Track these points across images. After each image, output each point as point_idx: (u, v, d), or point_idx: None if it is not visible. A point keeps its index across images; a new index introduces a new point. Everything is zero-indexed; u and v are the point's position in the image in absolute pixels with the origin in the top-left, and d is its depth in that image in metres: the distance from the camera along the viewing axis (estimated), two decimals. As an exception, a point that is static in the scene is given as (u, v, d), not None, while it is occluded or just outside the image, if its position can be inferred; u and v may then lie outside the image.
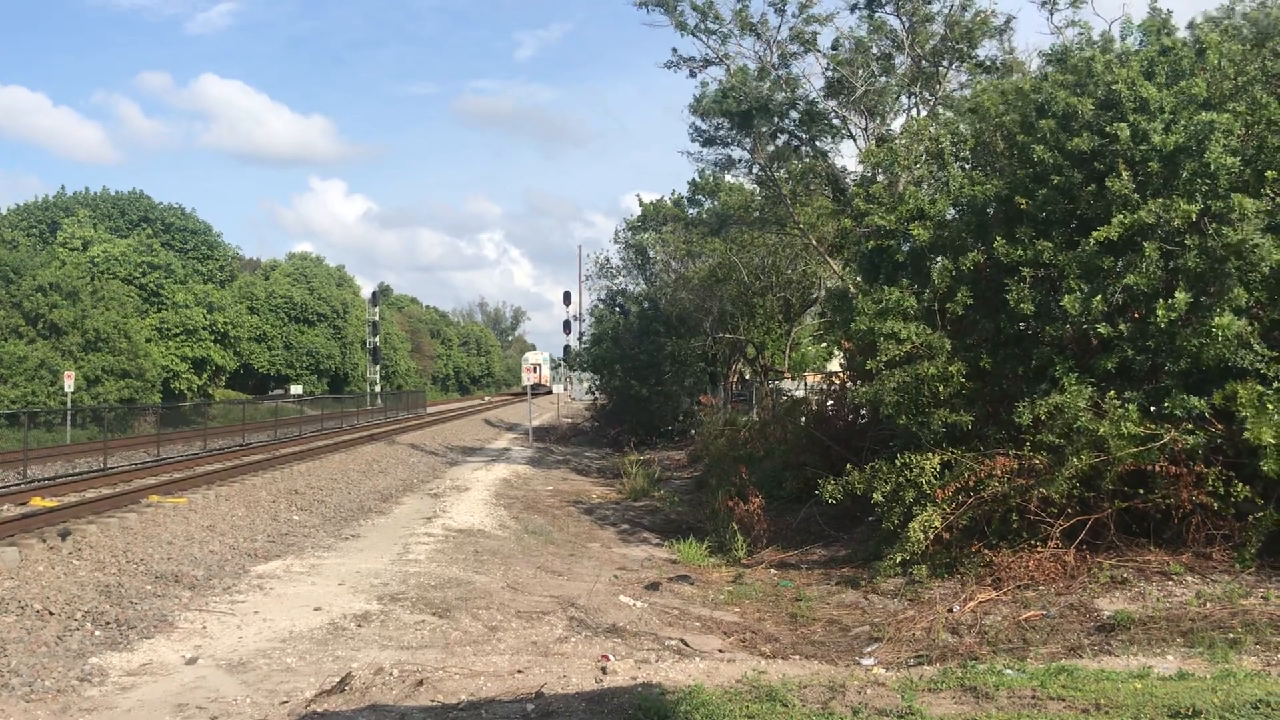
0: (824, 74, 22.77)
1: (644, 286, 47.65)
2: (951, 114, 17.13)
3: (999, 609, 10.43)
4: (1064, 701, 6.61)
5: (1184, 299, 10.73)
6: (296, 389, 69.80)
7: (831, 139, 23.53)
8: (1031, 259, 12.00)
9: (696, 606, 12.28)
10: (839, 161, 23.95)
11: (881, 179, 15.60)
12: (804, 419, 19.31)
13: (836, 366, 25.45)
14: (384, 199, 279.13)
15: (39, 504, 15.87)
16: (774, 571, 14.17)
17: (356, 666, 8.51)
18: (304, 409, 50.71)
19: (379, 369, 77.89)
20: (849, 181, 22.43)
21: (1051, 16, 20.42)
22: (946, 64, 21.98)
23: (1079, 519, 11.25)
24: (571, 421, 52.00)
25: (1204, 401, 10.73)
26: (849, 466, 13.07)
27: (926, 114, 20.46)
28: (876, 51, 22.13)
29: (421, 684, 7.96)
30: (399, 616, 10.53)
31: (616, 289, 48.40)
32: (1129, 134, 11.33)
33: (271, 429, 36.16)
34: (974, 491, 11.58)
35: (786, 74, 22.77)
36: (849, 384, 17.99)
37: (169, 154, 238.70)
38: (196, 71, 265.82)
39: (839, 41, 22.32)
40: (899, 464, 12.28)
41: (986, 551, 11.67)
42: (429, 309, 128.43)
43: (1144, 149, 11.31)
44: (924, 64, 21.93)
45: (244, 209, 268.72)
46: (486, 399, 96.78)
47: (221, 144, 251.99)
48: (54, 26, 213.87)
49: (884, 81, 22.41)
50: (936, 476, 11.99)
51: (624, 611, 11.54)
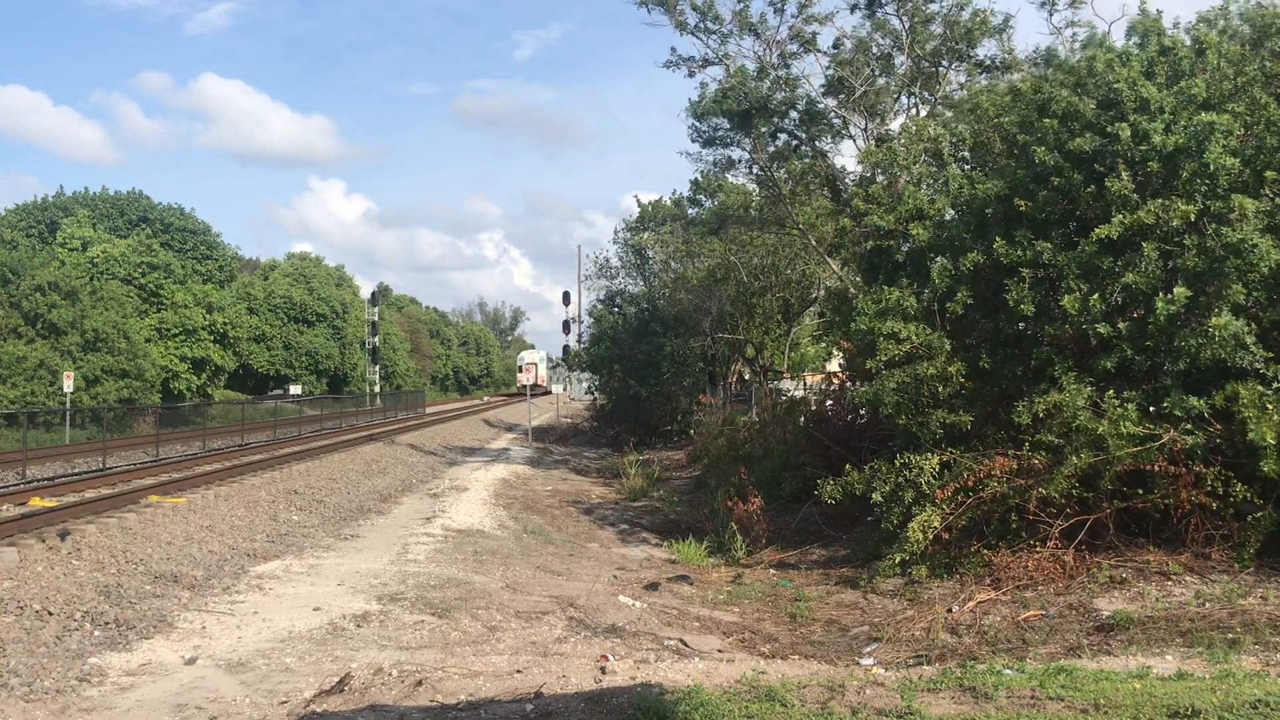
0: (824, 74, 22.82)
1: (643, 287, 47.68)
2: (951, 114, 17.13)
3: (998, 609, 10.43)
4: (1063, 701, 6.61)
5: (1183, 294, 10.73)
6: (296, 389, 69.77)
7: (831, 139, 23.57)
8: (1031, 259, 12.01)
9: (696, 606, 12.28)
10: (839, 161, 24.00)
11: (881, 179, 15.61)
12: (803, 419, 19.32)
13: (836, 366, 25.42)
14: (383, 199, 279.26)
15: (38, 504, 15.87)
16: (773, 571, 14.17)
17: (355, 667, 8.51)
18: (303, 409, 50.72)
19: (378, 369, 77.85)
20: (848, 181, 22.45)
21: (1050, 17, 20.46)
22: (946, 64, 22.00)
23: (1078, 519, 11.25)
24: (570, 422, 52.00)
25: (1203, 401, 10.73)
26: (848, 466, 13.08)
27: (926, 114, 20.47)
28: (876, 51, 22.16)
29: (420, 684, 7.96)
30: (398, 617, 10.53)
31: (616, 289, 48.47)
32: (1129, 134, 11.34)
33: (271, 429, 36.15)
34: (973, 491, 11.58)
35: (786, 74, 22.79)
36: (848, 384, 18.02)
37: (169, 154, 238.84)
38: (196, 71, 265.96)
39: (839, 41, 22.36)
40: (898, 464, 12.28)
41: (986, 551, 11.67)
42: (428, 309, 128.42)
43: (1144, 149, 11.32)
44: (924, 64, 21.95)
45: (243, 209, 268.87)
46: (486, 399, 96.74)
47: (221, 144, 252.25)
48: (53, 26, 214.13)
49: (884, 81, 22.44)
50: (936, 476, 11.99)
51: (623, 611, 11.54)
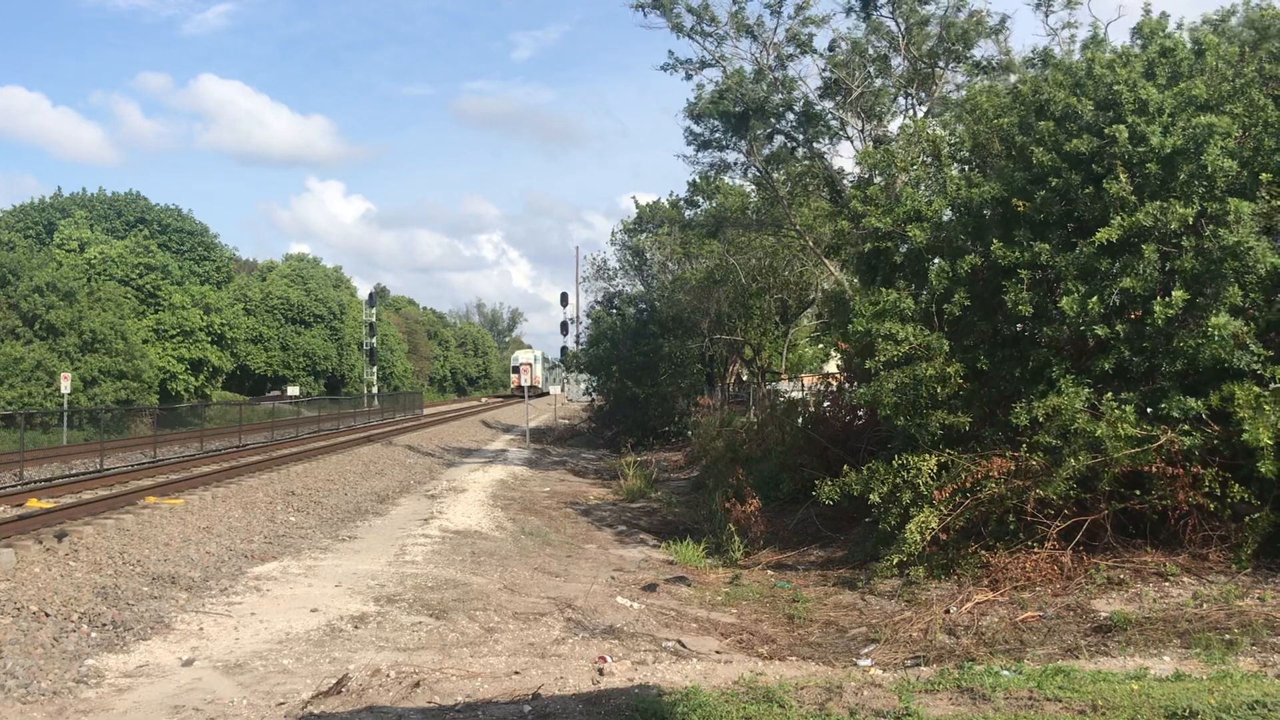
0: (820, 75, 22.85)
1: (641, 288, 47.69)
2: (948, 115, 17.15)
3: (996, 610, 10.44)
4: (1061, 703, 6.61)
5: (1181, 296, 10.75)
6: (293, 390, 69.75)
7: (828, 140, 23.58)
8: (1029, 260, 12.01)
9: (693, 608, 12.28)
10: (836, 163, 23.99)
11: (879, 180, 15.61)
12: (801, 420, 19.32)
13: (834, 368, 25.46)
14: (382, 200, 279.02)
15: (35, 505, 15.85)
16: (771, 573, 14.17)
17: (353, 668, 8.50)
18: (301, 410, 50.66)
19: (376, 370, 77.79)
20: (846, 183, 22.46)
21: (1047, 18, 20.51)
22: (943, 65, 22.03)
23: (1076, 520, 11.25)
24: (568, 423, 51.99)
25: (1201, 403, 10.74)
26: (846, 468, 13.07)
27: (924, 115, 20.49)
28: (873, 53, 22.18)
29: (418, 685, 7.96)
30: (396, 618, 10.52)
31: (614, 290, 48.47)
32: (1127, 135, 11.35)
33: (268, 430, 36.11)
34: (971, 492, 11.58)
35: (783, 75, 22.81)
36: (846, 385, 18.03)
37: (168, 155, 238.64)
38: (195, 72, 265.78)
39: (835, 43, 22.39)
40: (896, 465, 12.28)
41: (983, 553, 11.68)
42: (426, 310, 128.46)
43: (1142, 150, 11.32)
44: (920, 65, 21.98)
45: (243, 210, 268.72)
46: (484, 400, 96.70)
47: (221, 144, 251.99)
48: (51, 27, 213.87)
49: (880, 83, 22.46)
50: (934, 477, 11.99)
51: (621, 613, 11.53)
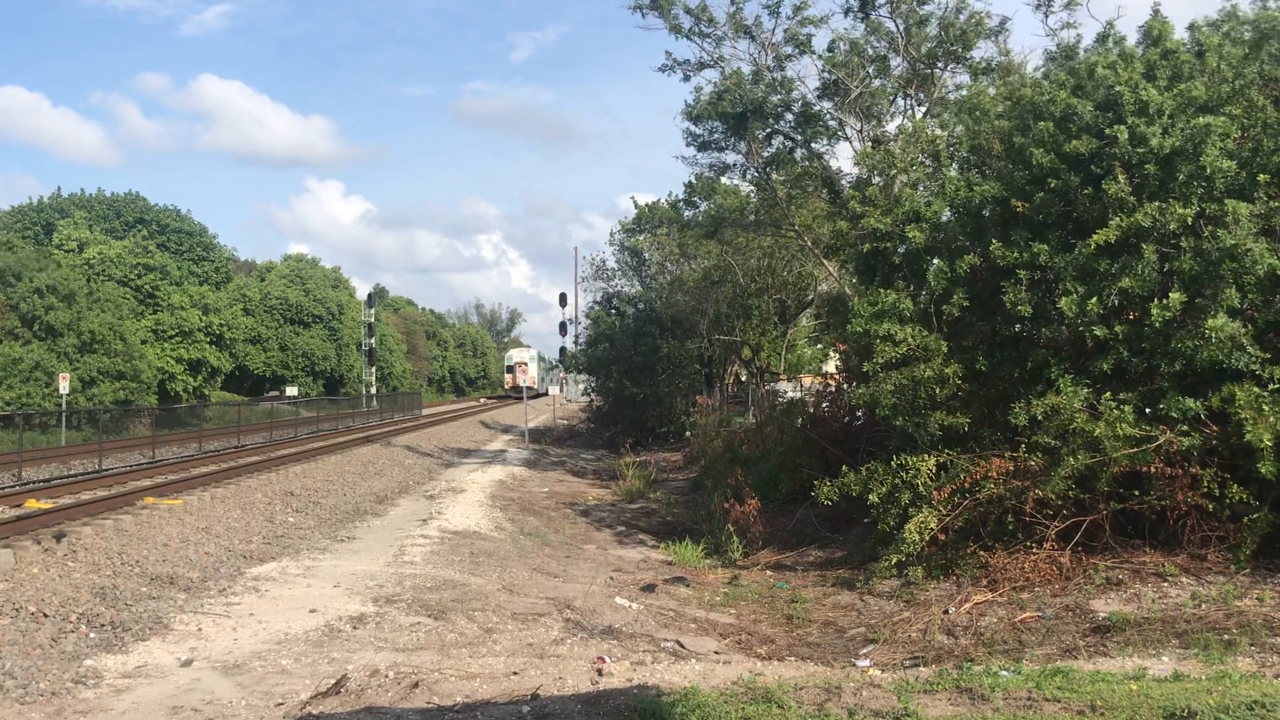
0: (819, 76, 22.82)
1: (640, 288, 47.70)
2: (947, 115, 17.16)
3: (995, 610, 10.44)
4: (1059, 703, 6.62)
5: (1179, 298, 10.76)
6: (292, 390, 69.72)
7: (827, 141, 23.58)
8: (1028, 261, 12.02)
9: (692, 608, 12.28)
10: (834, 163, 23.98)
11: (878, 181, 15.61)
12: (800, 421, 19.32)
13: (832, 368, 25.48)
14: (382, 200, 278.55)
15: (34, 506, 15.84)
16: (770, 573, 14.17)
17: (352, 668, 8.50)
18: (299, 410, 50.65)
19: (374, 371, 77.77)
20: (845, 184, 22.46)
21: (1046, 19, 20.52)
22: (942, 66, 22.03)
23: (1074, 520, 11.26)
24: (567, 423, 51.99)
25: (1199, 403, 10.74)
26: (845, 468, 13.08)
27: (923, 116, 20.49)
28: (871, 53, 22.17)
29: (417, 686, 7.95)
30: (394, 618, 10.52)
31: (612, 291, 48.46)
32: (1127, 136, 11.34)
33: (267, 430, 36.10)
34: (970, 493, 11.59)
35: (781, 76, 22.81)
36: (845, 385, 18.02)
37: (169, 155, 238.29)
38: (195, 72, 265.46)
39: (834, 44, 22.37)
40: (895, 465, 12.29)
41: (982, 553, 11.68)
42: (425, 311, 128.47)
43: (1141, 151, 11.33)
44: (919, 66, 21.98)
45: (242, 211, 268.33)
46: (483, 400, 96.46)
47: (222, 144, 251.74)
48: (51, 27, 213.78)
49: (879, 84, 22.46)
50: (932, 478, 11.99)
51: (620, 613, 11.53)
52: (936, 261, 13.39)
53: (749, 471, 18.43)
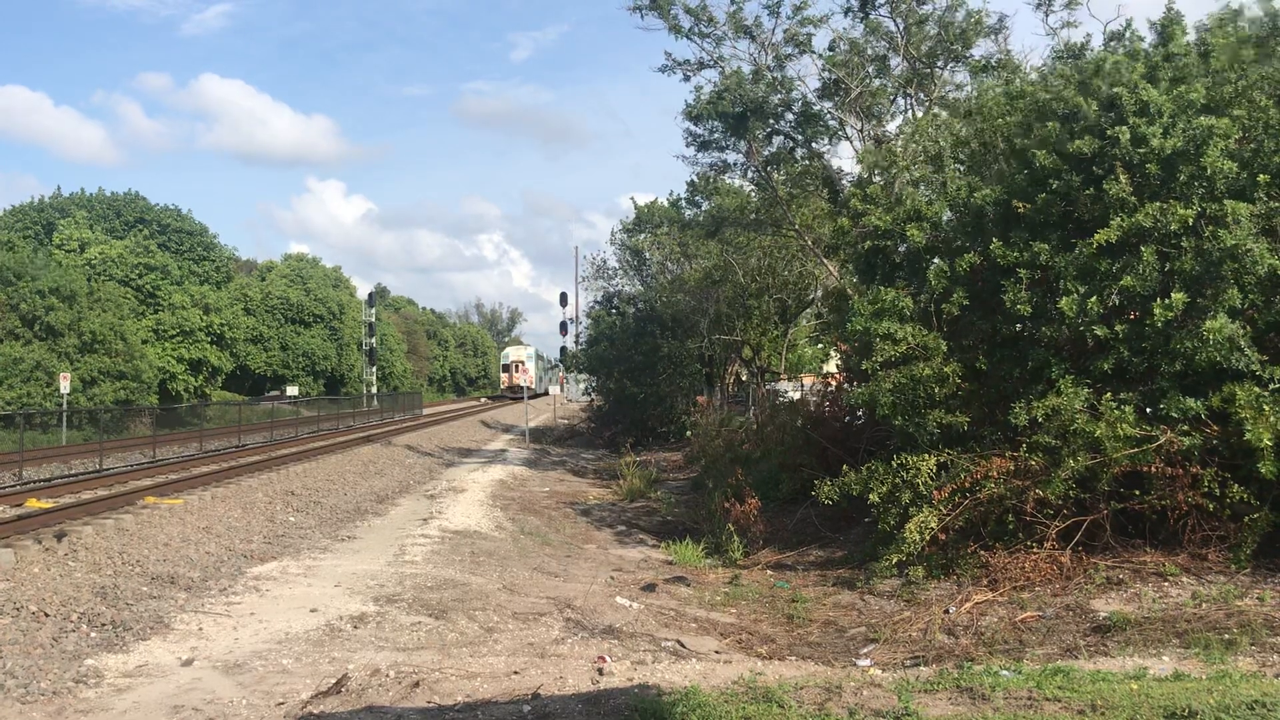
0: (819, 76, 22.86)
1: (640, 288, 47.70)
2: (947, 114, 17.17)
3: (995, 610, 10.44)
4: (1060, 703, 6.61)
5: (1180, 298, 10.75)
6: (293, 390, 69.72)
7: (828, 140, 23.60)
8: (1028, 261, 12.02)
9: (693, 608, 12.28)
10: (835, 163, 24.01)
11: (879, 179, 15.62)
12: (800, 420, 19.32)
13: (833, 368, 25.49)
14: (383, 200, 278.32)
15: (35, 505, 15.85)
16: (770, 573, 14.17)
17: (353, 668, 8.50)
18: (300, 410, 50.65)
19: (375, 370, 77.79)
20: (845, 183, 22.48)
21: (1047, 18, 20.53)
22: (941, 65, 22.04)
23: (1075, 520, 11.26)
24: (568, 423, 51.98)
25: (1200, 403, 10.74)
26: (845, 467, 13.08)
27: (924, 115, 20.50)
28: (871, 53, 22.19)
29: (418, 685, 7.96)
30: (395, 618, 10.52)
31: (613, 290, 48.46)
32: (1129, 137, 11.33)
33: (267, 430, 36.10)
34: (970, 493, 11.59)
35: (781, 76, 22.82)
36: (845, 385, 18.01)
37: (171, 155, 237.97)
38: (195, 72, 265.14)
39: (834, 43, 22.39)
40: (895, 465, 12.29)
41: (983, 553, 11.68)
42: (425, 310, 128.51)
43: (1143, 152, 11.32)
44: (919, 65, 21.99)
45: (244, 210, 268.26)
46: (483, 400, 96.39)
47: (223, 144, 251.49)
48: (51, 27, 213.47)
49: (879, 83, 22.47)
50: (933, 477, 11.99)
51: (620, 613, 11.53)
52: (937, 260, 13.40)
53: (749, 471, 18.42)
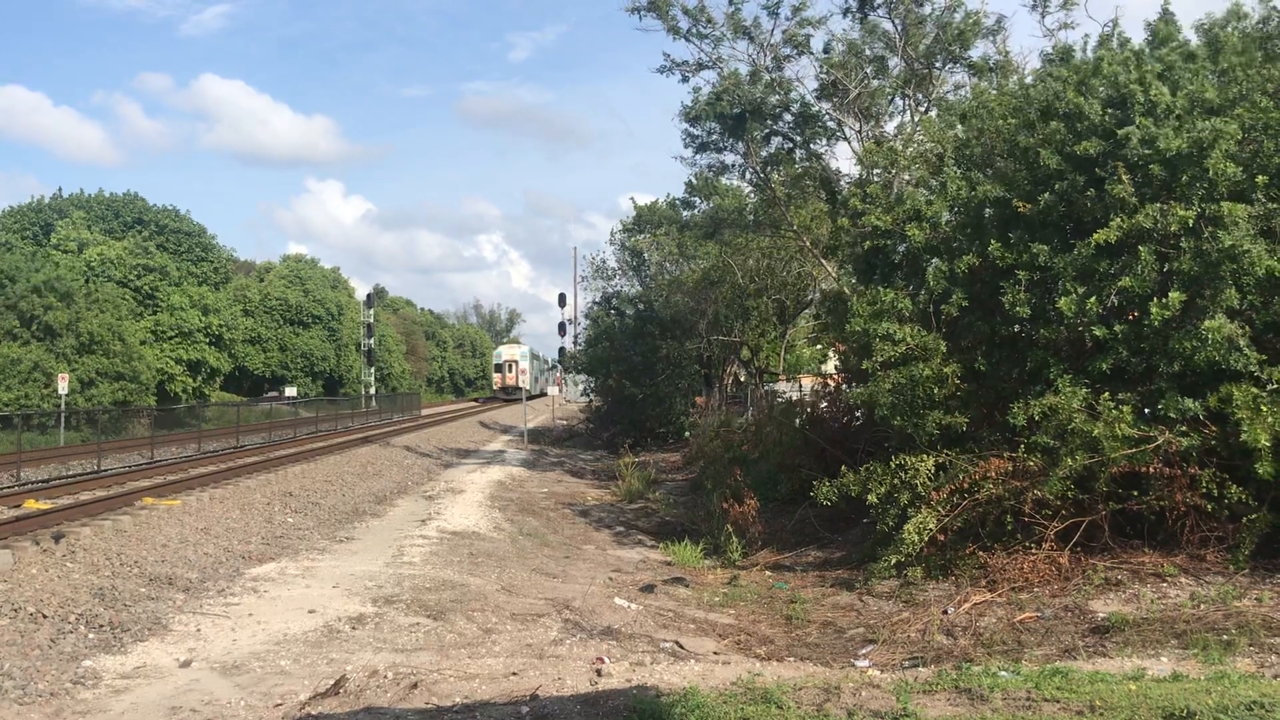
0: (817, 77, 22.88)
1: (639, 289, 47.69)
2: (947, 115, 17.17)
3: (994, 611, 10.44)
4: (1059, 703, 6.61)
5: (1178, 298, 10.76)
6: (291, 391, 69.71)
7: (826, 141, 23.60)
8: (1027, 261, 12.02)
9: (691, 609, 12.28)
10: (834, 164, 24.00)
11: (879, 178, 15.62)
12: (799, 421, 19.33)
13: (832, 368, 25.49)
14: (383, 200, 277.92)
15: (32, 506, 15.82)
16: (769, 573, 14.17)
17: (351, 669, 8.49)
18: (298, 411, 50.60)
19: (373, 371, 77.74)
20: (843, 184, 22.49)
21: (1043, 19, 20.55)
22: (939, 65, 22.06)
23: (1073, 521, 11.26)
24: (566, 424, 51.96)
25: (1198, 404, 10.75)
26: (844, 468, 13.08)
27: (923, 115, 20.51)
28: (869, 54, 22.20)
29: (416, 686, 7.95)
30: (393, 619, 10.51)
31: (612, 291, 48.46)
32: (1139, 138, 11.30)
33: (266, 431, 36.07)
34: (969, 493, 11.59)
35: (780, 77, 22.83)
36: (844, 386, 18.03)
37: (171, 155, 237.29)
38: (195, 72, 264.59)
39: (831, 45, 22.40)
40: (894, 466, 12.29)
41: (981, 553, 11.68)
42: (424, 311, 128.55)
43: (1148, 153, 11.28)
44: (917, 66, 22.00)
45: (244, 211, 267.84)
46: (482, 401, 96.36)
47: (224, 144, 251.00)
48: (51, 27, 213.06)
49: (877, 84, 22.48)
50: (931, 478, 12.00)
51: (619, 614, 11.53)
52: (936, 261, 13.39)
53: (748, 472, 18.42)
